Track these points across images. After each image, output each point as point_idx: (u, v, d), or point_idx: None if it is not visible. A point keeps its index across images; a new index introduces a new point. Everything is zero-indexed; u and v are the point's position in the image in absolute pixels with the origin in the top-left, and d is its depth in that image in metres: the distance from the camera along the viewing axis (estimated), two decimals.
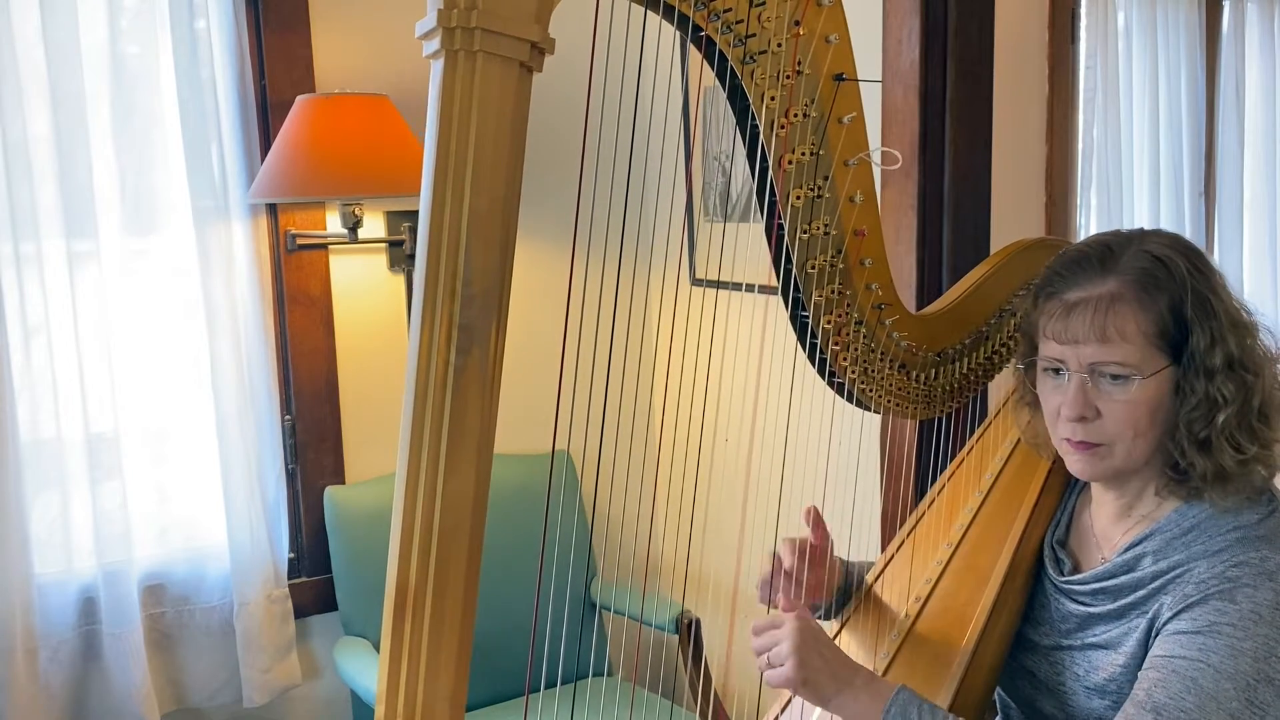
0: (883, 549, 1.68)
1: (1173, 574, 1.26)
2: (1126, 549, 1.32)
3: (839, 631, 1.52)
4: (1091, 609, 1.35)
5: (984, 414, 1.75)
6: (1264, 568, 1.20)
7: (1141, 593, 1.29)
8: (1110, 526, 1.37)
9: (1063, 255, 1.34)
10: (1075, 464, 1.33)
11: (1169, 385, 1.26)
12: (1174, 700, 1.16)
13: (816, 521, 1.50)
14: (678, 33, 1.21)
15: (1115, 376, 1.26)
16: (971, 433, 1.72)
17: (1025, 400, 1.46)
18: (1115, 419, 1.27)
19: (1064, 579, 1.40)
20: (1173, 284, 1.25)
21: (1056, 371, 1.31)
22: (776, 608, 1.43)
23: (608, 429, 1.39)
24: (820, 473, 1.63)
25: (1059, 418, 1.31)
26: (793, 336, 1.43)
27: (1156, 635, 1.24)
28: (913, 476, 1.92)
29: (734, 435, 2.02)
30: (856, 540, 1.74)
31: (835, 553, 1.55)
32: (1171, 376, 1.26)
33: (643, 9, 1.14)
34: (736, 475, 1.47)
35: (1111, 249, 1.29)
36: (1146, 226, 1.36)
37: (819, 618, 1.58)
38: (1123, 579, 1.31)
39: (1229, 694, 1.15)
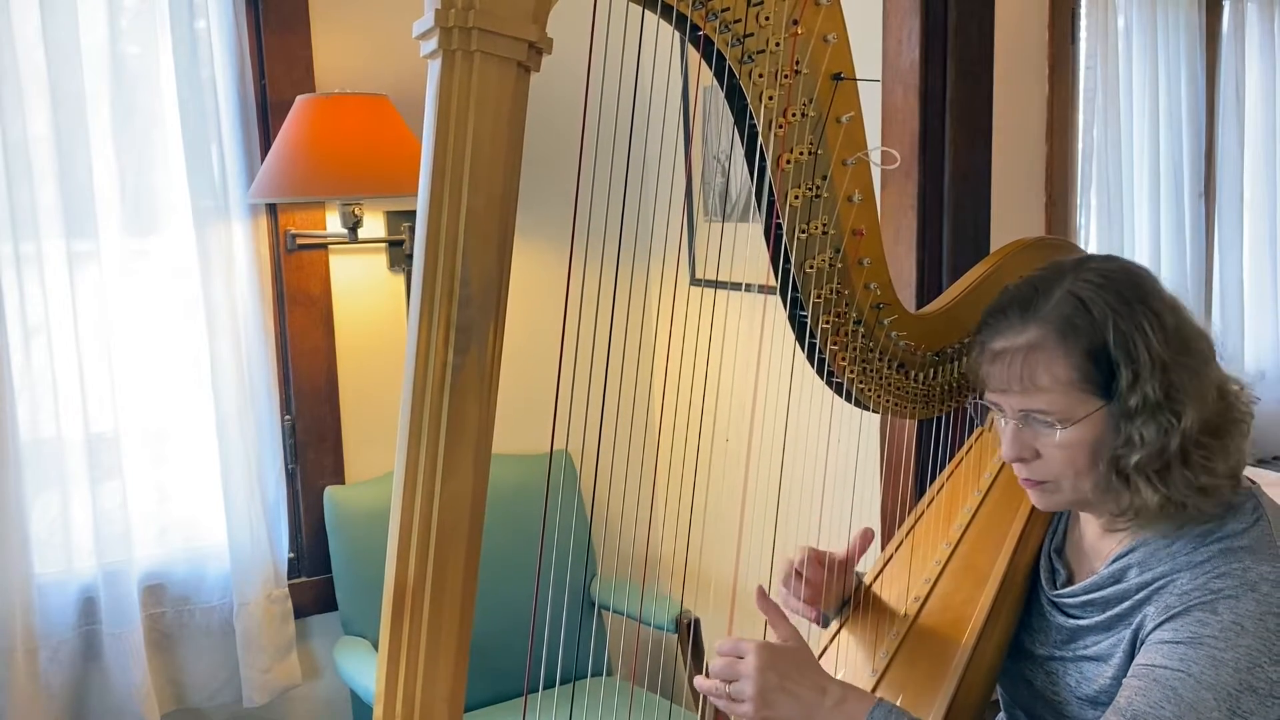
0: (882, 548, 1.68)
1: (1157, 584, 1.26)
2: (1114, 560, 1.32)
3: (838, 632, 1.52)
4: (1081, 621, 1.35)
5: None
6: (1246, 578, 1.20)
7: (1127, 604, 1.29)
8: (1099, 540, 1.38)
9: (996, 299, 1.34)
10: (1032, 499, 1.35)
11: (1105, 423, 1.25)
12: (1153, 709, 1.16)
13: (864, 547, 1.51)
14: (676, 32, 1.21)
15: (1044, 423, 1.26)
16: (970, 432, 1.72)
17: None
18: (1053, 460, 1.28)
19: (1055, 592, 1.40)
20: (1092, 327, 1.24)
21: (999, 415, 1.32)
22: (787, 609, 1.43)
23: (607, 428, 1.39)
24: (819, 472, 1.63)
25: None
26: (791, 336, 1.43)
27: (1141, 644, 1.24)
28: (912, 476, 1.91)
29: (733, 435, 2.02)
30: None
31: (854, 569, 1.56)
32: (1106, 414, 1.25)
33: (640, 8, 1.14)
34: (736, 475, 1.47)
35: (1038, 290, 1.29)
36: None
37: (821, 624, 1.58)
38: (1109, 591, 1.31)
39: (1209, 704, 1.15)
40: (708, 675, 1.27)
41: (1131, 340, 1.23)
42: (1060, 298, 1.26)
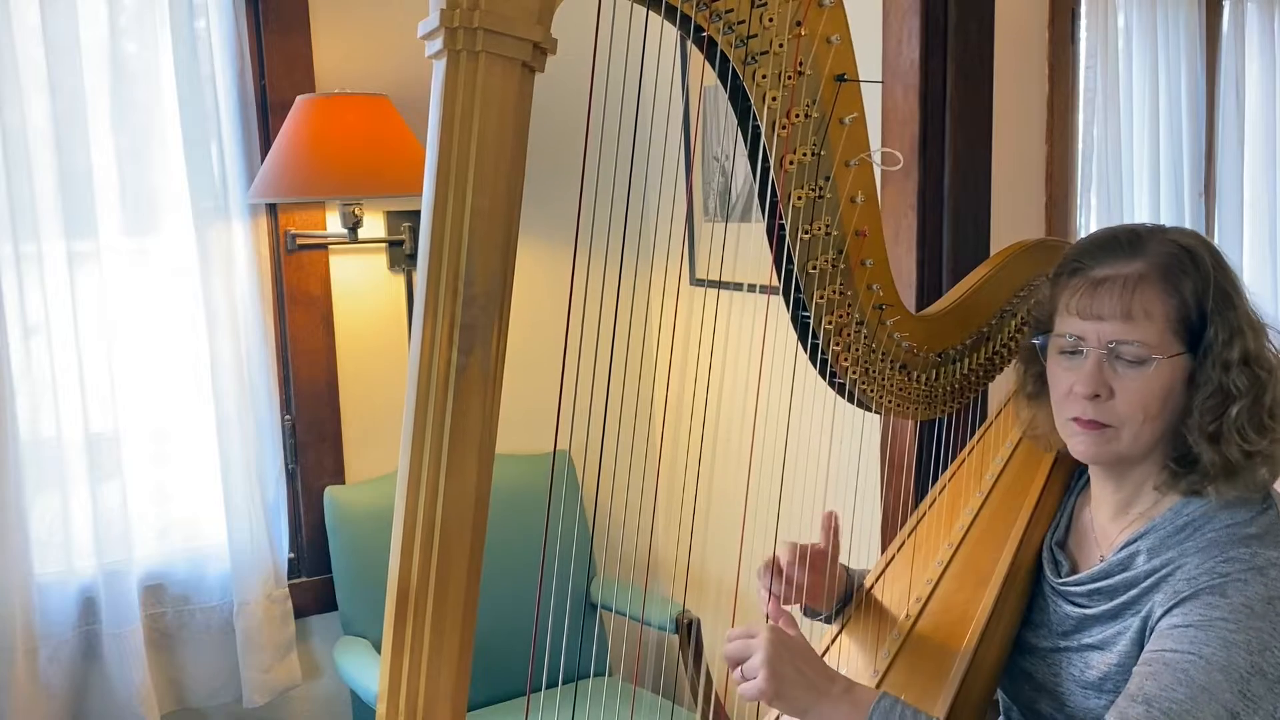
0: (883, 549, 1.68)
1: (1164, 571, 1.26)
2: (1122, 547, 1.33)
3: (839, 633, 1.52)
4: (1088, 610, 1.35)
5: (984, 415, 1.75)
6: (1254, 563, 1.21)
7: (1134, 591, 1.29)
8: (1109, 524, 1.38)
9: (1090, 237, 1.36)
10: (1080, 444, 1.32)
11: (1182, 374, 1.27)
12: (1165, 692, 1.16)
13: (834, 530, 1.51)
14: (679, 33, 1.21)
15: (1133, 358, 1.26)
16: (972, 433, 1.72)
17: (1026, 392, 1.46)
18: (1128, 400, 1.27)
19: (1061, 581, 1.40)
20: (1197, 274, 1.27)
21: (1072, 352, 1.31)
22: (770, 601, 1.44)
23: (608, 429, 1.39)
24: (821, 473, 1.63)
25: (1069, 396, 1.31)
26: (793, 337, 1.43)
27: (1151, 633, 1.24)
28: (913, 477, 1.91)
29: (734, 435, 2.02)
30: (857, 540, 1.74)
31: (840, 561, 1.55)
32: (1185, 365, 1.27)
33: (644, 9, 1.14)
34: (737, 475, 1.47)
35: (1139, 235, 1.31)
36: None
37: (820, 621, 1.58)
38: (1117, 578, 1.31)
39: (1221, 686, 1.15)
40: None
41: (1229, 295, 1.27)
42: (1166, 242, 1.29)
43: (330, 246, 2.66)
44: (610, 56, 1.09)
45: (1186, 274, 1.27)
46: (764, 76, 1.25)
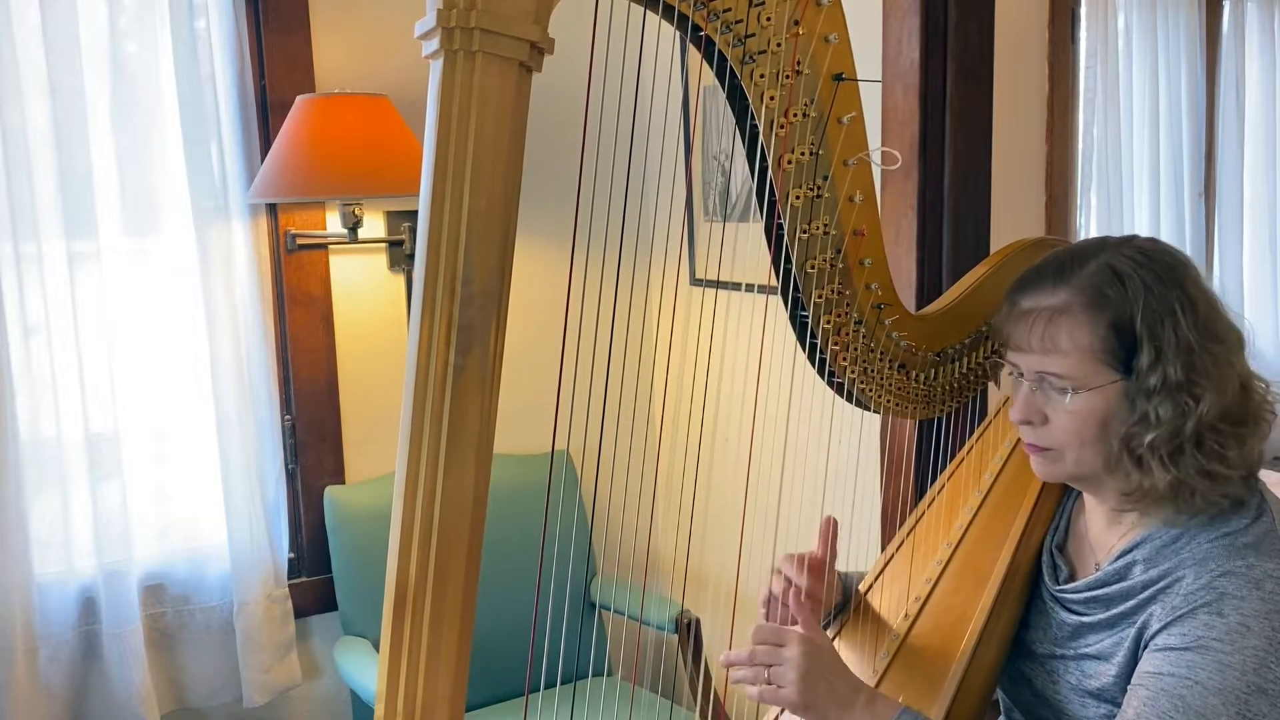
0: (882, 548, 1.68)
1: (1162, 583, 1.26)
2: (1118, 557, 1.32)
3: (838, 633, 1.52)
4: (1084, 618, 1.34)
5: (984, 413, 1.75)
6: (1250, 576, 1.20)
7: (1132, 602, 1.28)
8: (1104, 533, 1.37)
9: (1035, 263, 1.35)
10: (1033, 465, 1.36)
11: (1119, 398, 1.26)
12: (1162, 719, 1.16)
13: (833, 535, 1.51)
14: (677, 32, 1.21)
15: (1057, 388, 1.27)
16: (971, 432, 1.72)
17: None
18: (1061, 426, 1.29)
19: (1058, 588, 1.40)
20: (1123, 301, 1.25)
21: (1015, 376, 1.33)
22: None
23: (607, 428, 1.39)
24: (820, 472, 1.63)
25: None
26: (792, 336, 1.43)
27: (1145, 647, 1.24)
28: (912, 476, 1.91)
29: (733, 435, 2.02)
30: (856, 540, 1.74)
31: (835, 565, 1.55)
32: (1123, 390, 1.26)
33: (642, 9, 1.14)
34: (736, 475, 1.47)
35: (1075, 259, 1.30)
36: (1141, 233, 1.35)
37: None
38: (1114, 588, 1.31)
39: (1217, 710, 1.15)
40: (733, 661, 1.29)
41: (1159, 319, 1.24)
42: (1097, 267, 1.27)
43: (330, 246, 2.66)
44: (608, 56, 1.09)
45: (1108, 303, 1.25)
46: (762, 76, 1.25)
